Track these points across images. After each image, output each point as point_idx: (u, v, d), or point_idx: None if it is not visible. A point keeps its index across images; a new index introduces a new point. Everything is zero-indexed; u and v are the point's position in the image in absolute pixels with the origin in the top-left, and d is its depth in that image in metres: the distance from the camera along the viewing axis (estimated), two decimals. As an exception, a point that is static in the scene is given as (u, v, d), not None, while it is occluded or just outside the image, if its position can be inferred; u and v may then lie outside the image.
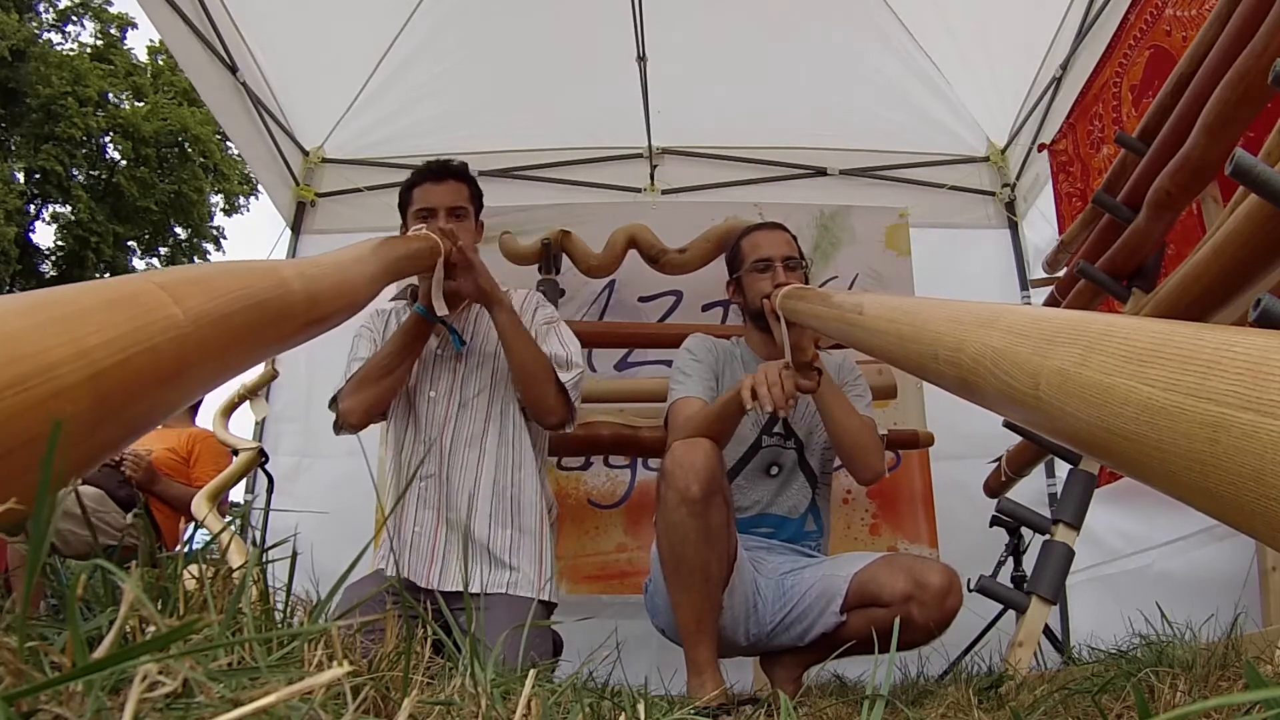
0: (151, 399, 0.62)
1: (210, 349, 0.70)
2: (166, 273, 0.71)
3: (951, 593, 1.71)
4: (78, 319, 0.55)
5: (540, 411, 1.94)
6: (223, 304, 0.73)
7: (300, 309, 0.93)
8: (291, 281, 0.92)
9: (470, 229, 2.00)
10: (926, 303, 1.01)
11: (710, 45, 3.54)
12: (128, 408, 0.59)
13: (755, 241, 2.07)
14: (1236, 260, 1.37)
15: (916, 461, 3.20)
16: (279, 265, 0.95)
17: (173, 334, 0.64)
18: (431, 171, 2.01)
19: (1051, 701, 1.06)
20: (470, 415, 1.96)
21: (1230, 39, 1.71)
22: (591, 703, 0.76)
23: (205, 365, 0.70)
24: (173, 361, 0.64)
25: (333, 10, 3.38)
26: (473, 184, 2.05)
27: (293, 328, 0.93)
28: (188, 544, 0.78)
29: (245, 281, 0.80)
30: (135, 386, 0.59)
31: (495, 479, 1.92)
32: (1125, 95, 2.75)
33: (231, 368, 0.77)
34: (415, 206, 1.98)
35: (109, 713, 0.37)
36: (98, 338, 0.56)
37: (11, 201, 14.41)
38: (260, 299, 0.82)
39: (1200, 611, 1.47)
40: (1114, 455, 0.58)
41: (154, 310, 0.64)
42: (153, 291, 0.65)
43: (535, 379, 1.90)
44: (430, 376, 1.99)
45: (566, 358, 1.95)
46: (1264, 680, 0.60)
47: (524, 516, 1.93)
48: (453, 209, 1.97)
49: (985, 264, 3.69)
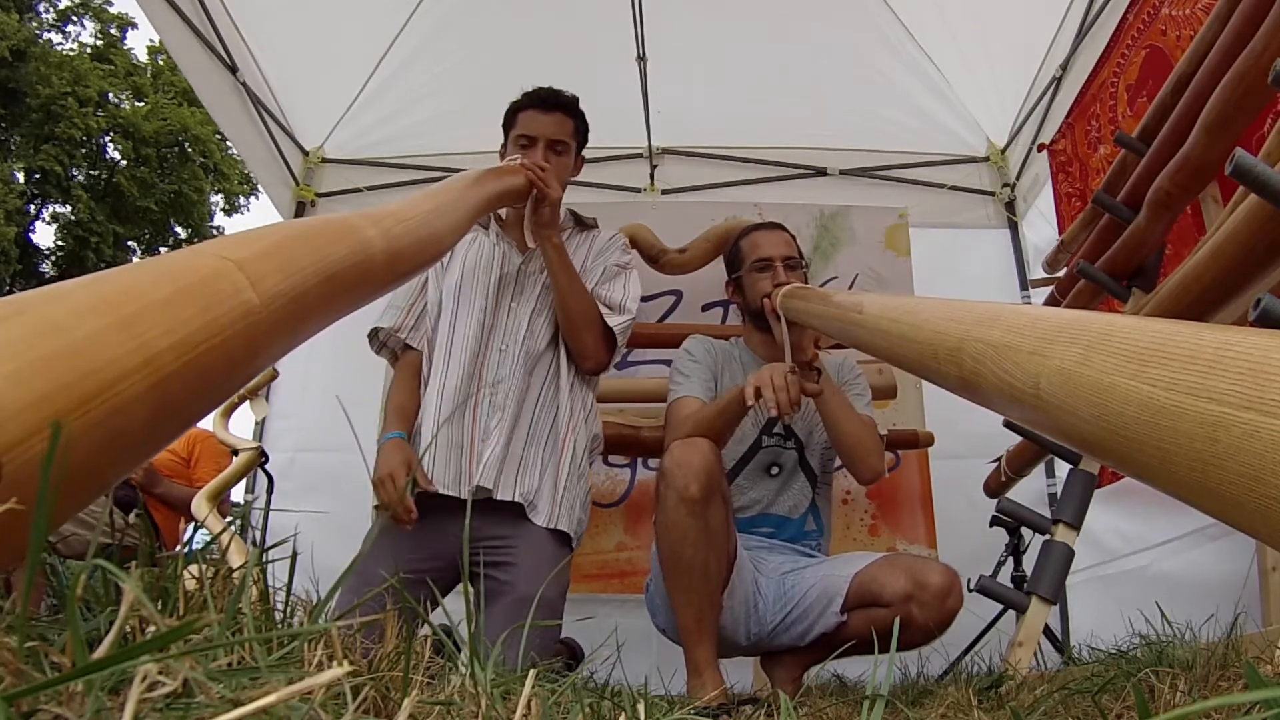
0: (213, 394, 0.57)
1: (281, 330, 0.64)
2: (241, 244, 0.64)
3: (952, 593, 1.71)
4: (148, 317, 0.51)
5: (578, 353, 1.93)
6: (300, 280, 0.67)
7: (380, 272, 0.86)
8: (374, 243, 0.85)
9: (567, 165, 1.99)
10: (926, 302, 1.01)
11: (710, 45, 3.54)
12: (187, 408, 0.55)
13: (755, 241, 2.07)
14: (1236, 260, 1.37)
15: (916, 462, 3.20)
16: (361, 224, 0.86)
17: (246, 321, 0.59)
18: (540, 99, 1.99)
19: (1051, 701, 1.06)
20: (541, 330, 1.93)
21: (1230, 39, 1.71)
22: (591, 703, 0.76)
23: (274, 347, 0.65)
24: (243, 350, 0.59)
25: (333, 10, 3.38)
26: (580, 118, 2.03)
27: (368, 291, 0.86)
28: (188, 544, 0.78)
29: (324, 251, 0.73)
30: (200, 385, 0.54)
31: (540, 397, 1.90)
32: (1121, 95, 2.75)
33: (297, 343, 0.71)
34: (517, 131, 1.97)
35: (109, 713, 0.37)
36: (167, 339, 0.51)
37: (11, 201, 14.41)
38: (339, 269, 0.75)
39: (1200, 611, 1.47)
40: (1114, 455, 0.58)
41: (229, 297, 0.58)
42: (229, 274, 0.59)
43: (575, 321, 1.89)
44: (515, 289, 1.96)
45: (620, 302, 1.95)
46: (1264, 680, 0.60)
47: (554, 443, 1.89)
48: (553, 141, 1.95)
49: (985, 264, 3.68)
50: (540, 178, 1.82)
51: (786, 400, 1.65)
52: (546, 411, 1.90)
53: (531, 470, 1.83)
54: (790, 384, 1.67)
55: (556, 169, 1.90)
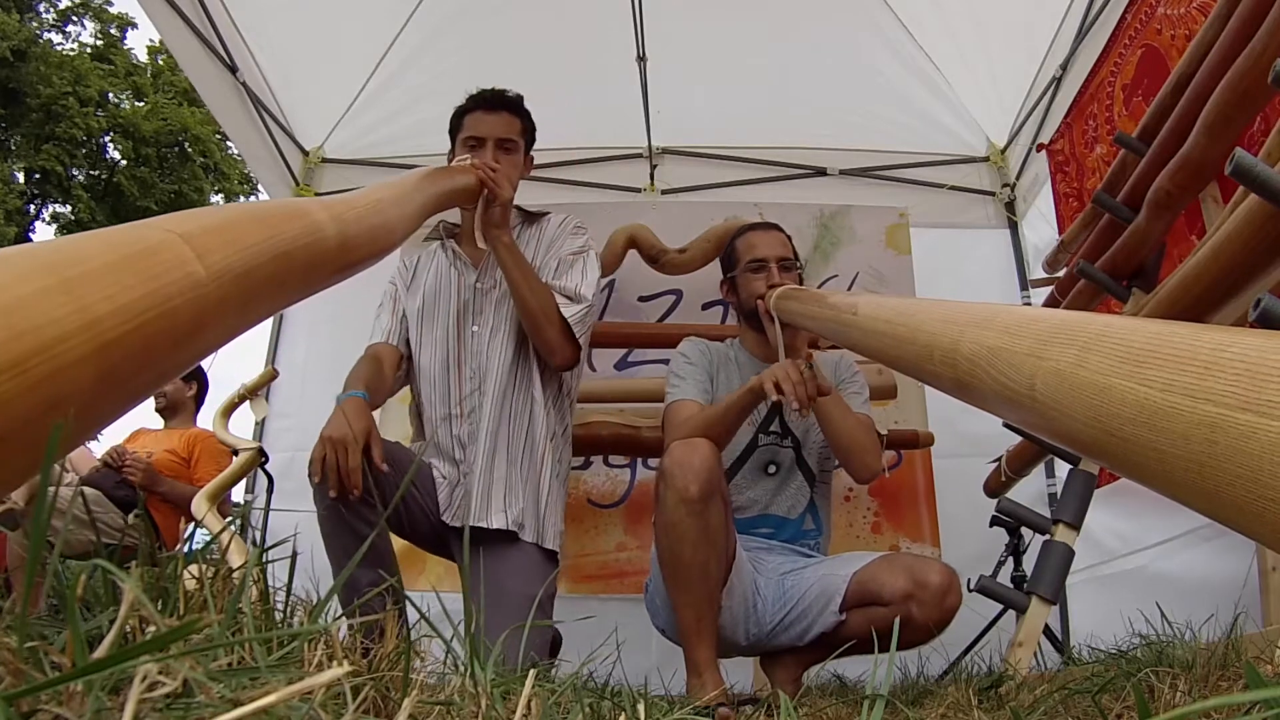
0: (160, 366, 0.56)
1: (230, 305, 0.63)
2: (189, 218, 0.63)
3: (951, 591, 1.71)
4: (89, 281, 0.49)
5: (544, 351, 1.90)
6: (249, 256, 0.66)
7: (331, 256, 0.85)
8: (325, 227, 0.84)
9: (517, 163, 1.97)
10: (921, 303, 1.01)
11: (710, 45, 3.53)
12: (133, 378, 0.53)
13: (750, 242, 2.07)
14: (1236, 260, 1.37)
15: (919, 460, 3.20)
16: (311, 207, 0.86)
17: (192, 294, 0.58)
18: (485, 100, 1.99)
19: (1051, 701, 1.06)
20: (502, 349, 1.92)
21: (1230, 39, 1.71)
22: (591, 703, 0.76)
23: (223, 323, 0.64)
24: (189, 323, 0.58)
25: (333, 10, 3.38)
26: (526, 116, 2.02)
27: (320, 276, 0.85)
28: (187, 544, 0.78)
29: (274, 229, 0.72)
30: (145, 354, 0.53)
31: (513, 417, 1.90)
32: (1118, 94, 2.75)
33: (249, 323, 0.70)
34: (465, 134, 1.96)
35: (109, 713, 0.38)
36: (109, 304, 0.50)
37: (11, 201, 14.41)
38: (289, 248, 0.74)
39: (1199, 611, 1.47)
40: (1111, 456, 0.58)
41: (174, 268, 0.57)
42: (174, 245, 0.58)
43: (534, 317, 1.86)
44: (473, 311, 1.96)
45: (575, 289, 1.91)
46: (1264, 680, 0.60)
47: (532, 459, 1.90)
48: (502, 141, 1.94)
49: (985, 264, 3.68)
50: (491, 177, 1.81)
51: (805, 394, 1.67)
52: (522, 429, 1.91)
53: (515, 493, 1.85)
54: (808, 378, 1.69)
55: (506, 168, 1.89)
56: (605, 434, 2.93)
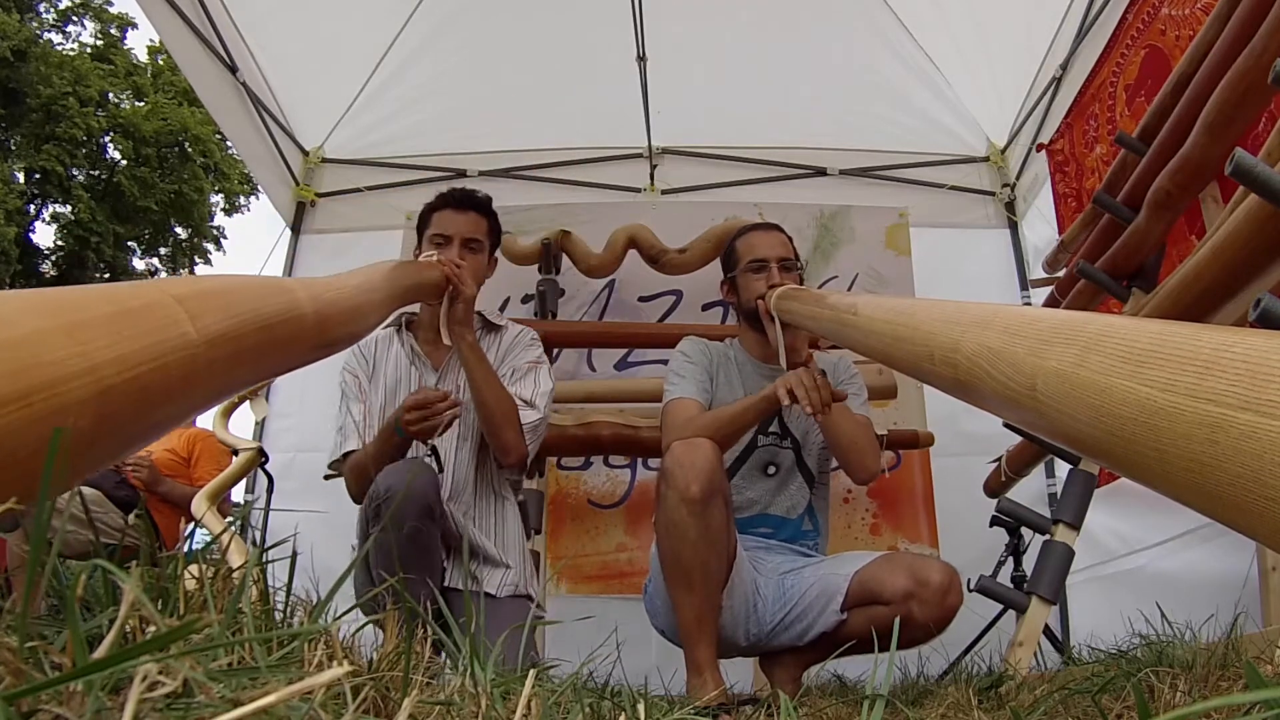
0: (154, 416, 0.60)
1: (218, 369, 0.68)
2: (183, 284, 0.68)
3: (952, 590, 1.71)
4: (91, 328, 0.53)
5: (499, 449, 1.94)
6: (236, 324, 0.71)
7: (310, 333, 0.92)
8: (304, 305, 0.90)
9: (482, 264, 2.01)
10: (922, 303, 1.01)
11: (710, 45, 3.54)
12: (129, 425, 0.57)
13: (750, 242, 2.07)
14: (1236, 260, 1.37)
15: (917, 461, 3.20)
16: (293, 286, 0.92)
17: (184, 353, 0.62)
18: (454, 199, 2.02)
19: (1051, 701, 1.06)
20: (468, 459, 1.96)
21: (1230, 39, 1.71)
22: (591, 703, 0.76)
23: (211, 384, 0.68)
24: (180, 380, 0.62)
25: (333, 10, 3.38)
26: (493, 218, 2.07)
27: (300, 351, 0.91)
28: (187, 544, 0.78)
29: (259, 301, 0.78)
30: (140, 404, 0.57)
31: (483, 517, 1.95)
32: (1120, 95, 2.75)
33: (235, 387, 0.76)
34: (432, 231, 1.99)
35: (109, 713, 0.38)
36: (109, 352, 0.53)
37: (11, 201, 14.41)
38: (272, 320, 0.80)
39: (1199, 611, 1.47)
40: (1112, 456, 0.58)
41: (168, 326, 0.61)
42: (168, 305, 0.63)
43: (494, 418, 1.89)
44: None
45: (530, 398, 1.96)
46: (1264, 680, 0.60)
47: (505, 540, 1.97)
48: (468, 240, 1.98)
49: (985, 264, 3.69)
50: (456, 274, 1.84)
51: (818, 400, 1.69)
52: (493, 527, 1.96)
53: (496, 568, 1.91)
54: (821, 385, 1.71)
55: (471, 266, 1.92)
56: (605, 434, 2.93)
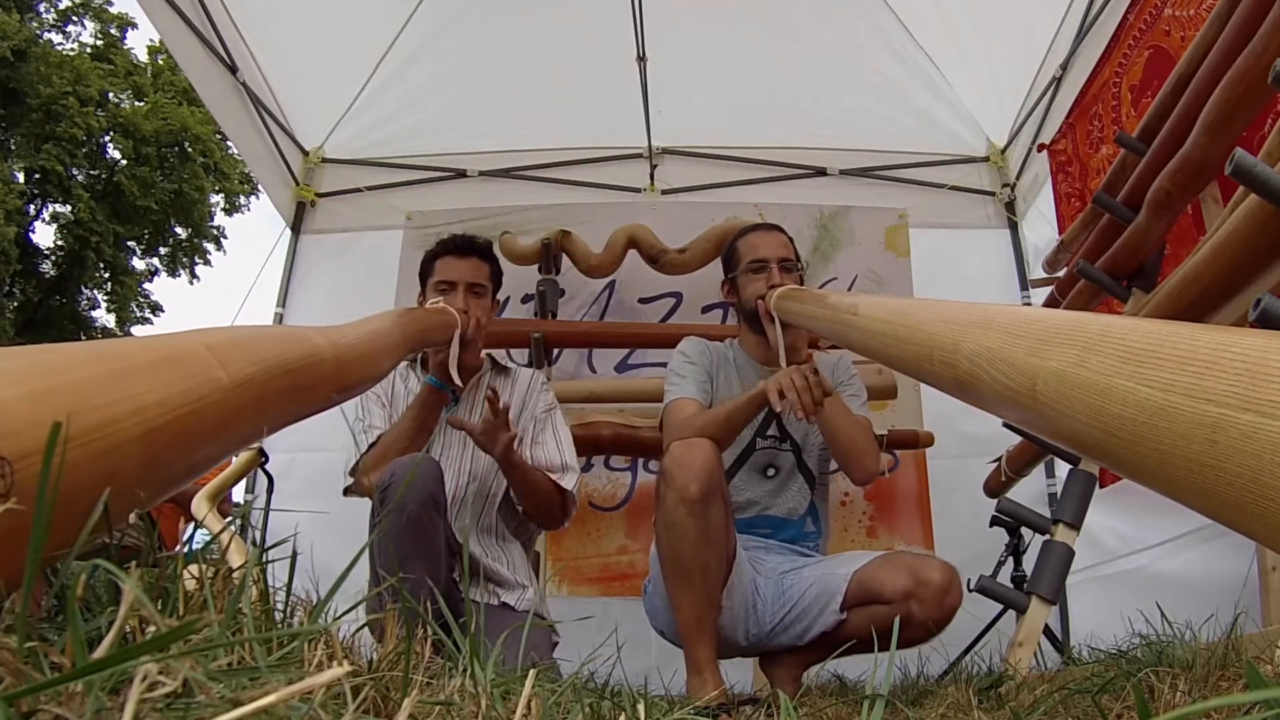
0: (193, 457, 0.64)
1: (248, 412, 0.72)
2: (213, 334, 0.73)
3: (952, 590, 1.71)
4: (135, 376, 0.57)
5: (540, 523, 2.00)
6: (262, 370, 0.76)
7: (330, 379, 0.96)
8: (324, 350, 0.95)
9: (486, 306, 2.04)
10: (922, 303, 1.01)
11: (710, 45, 3.54)
12: (171, 465, 0.61)
13: (751, 242, 2.07)
14: (1236, 260, 1.37)
15: (913, 464, 3.20)
16: (312, 334, 0.97)
17: (217, 396, 0.66)
18: (456, 246, 2.05)
19: (1051, 701, 1.06)
20: (476, 488, 1.97)
21: (1230, 39, 1.71)
22: (591, 703, 0.76)
23: (242, 427, 0.73)
24: (214, 422, 0.66)
25: (332, 10, 3.38)
26: (494, 262, 2.09)
27: (321, 395, 0.96)
28: (188, 544, 0.78)
29: (283, 348, 0.83)
30: (181, 444, 0.61)
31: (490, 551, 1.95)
32: (1125, 95, 2.75)
33: (262, 431, 0.79)
34: (436, 278, 2.02)
35: (109, 713, 0.37)
36: (152, 396, 0.57)
37: (11, 201, 14.41)
38: (295, 366, 0.84)
39: (1199, 611, 1.47)
40: (1112, 456, 0.58)
41: (202, 372, 0.66)
42: (201, 354, 0.67)
43: (537, 503, 1.94)
44: (438, 447, 2.00)
45: (562, 463, 1.99)
46: (1264, 680, 0.60)
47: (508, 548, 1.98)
48: (472, 285, 2.00)
49: (985, 264, 3.68)
50: (464, 320, 1.89)
51: (810, 401, 1.67)
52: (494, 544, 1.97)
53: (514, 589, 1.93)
54: (813, 385, 1.69)
55: (477, 311, 1.96)
56: (606, 434, 2.93)
